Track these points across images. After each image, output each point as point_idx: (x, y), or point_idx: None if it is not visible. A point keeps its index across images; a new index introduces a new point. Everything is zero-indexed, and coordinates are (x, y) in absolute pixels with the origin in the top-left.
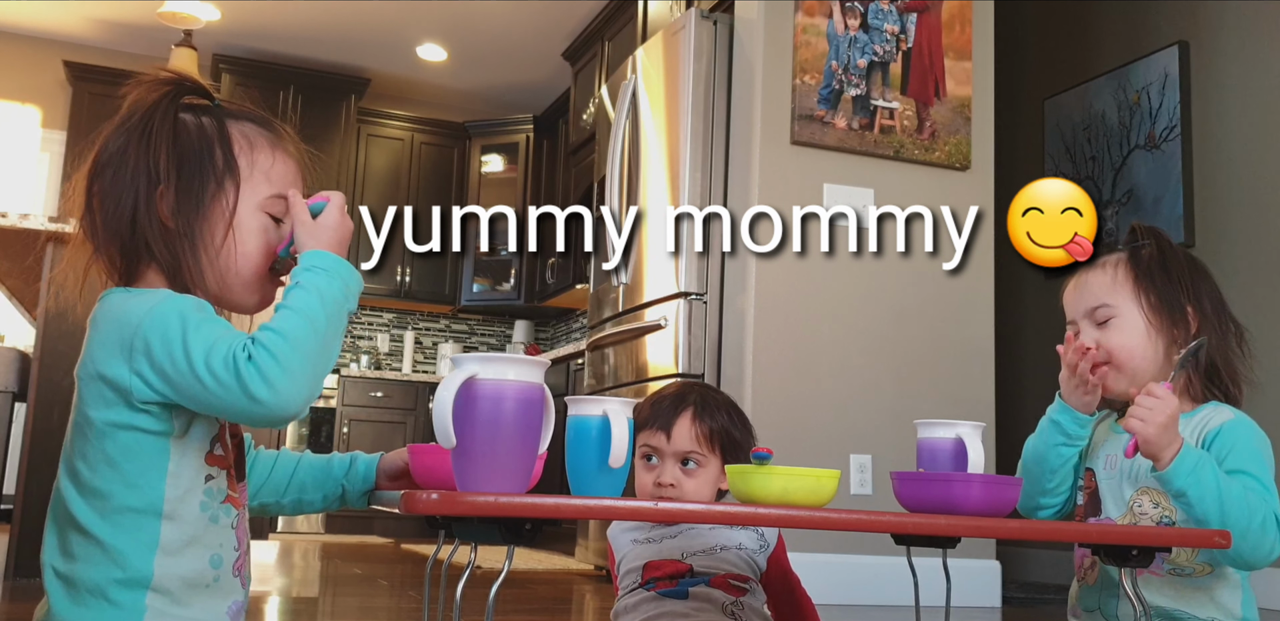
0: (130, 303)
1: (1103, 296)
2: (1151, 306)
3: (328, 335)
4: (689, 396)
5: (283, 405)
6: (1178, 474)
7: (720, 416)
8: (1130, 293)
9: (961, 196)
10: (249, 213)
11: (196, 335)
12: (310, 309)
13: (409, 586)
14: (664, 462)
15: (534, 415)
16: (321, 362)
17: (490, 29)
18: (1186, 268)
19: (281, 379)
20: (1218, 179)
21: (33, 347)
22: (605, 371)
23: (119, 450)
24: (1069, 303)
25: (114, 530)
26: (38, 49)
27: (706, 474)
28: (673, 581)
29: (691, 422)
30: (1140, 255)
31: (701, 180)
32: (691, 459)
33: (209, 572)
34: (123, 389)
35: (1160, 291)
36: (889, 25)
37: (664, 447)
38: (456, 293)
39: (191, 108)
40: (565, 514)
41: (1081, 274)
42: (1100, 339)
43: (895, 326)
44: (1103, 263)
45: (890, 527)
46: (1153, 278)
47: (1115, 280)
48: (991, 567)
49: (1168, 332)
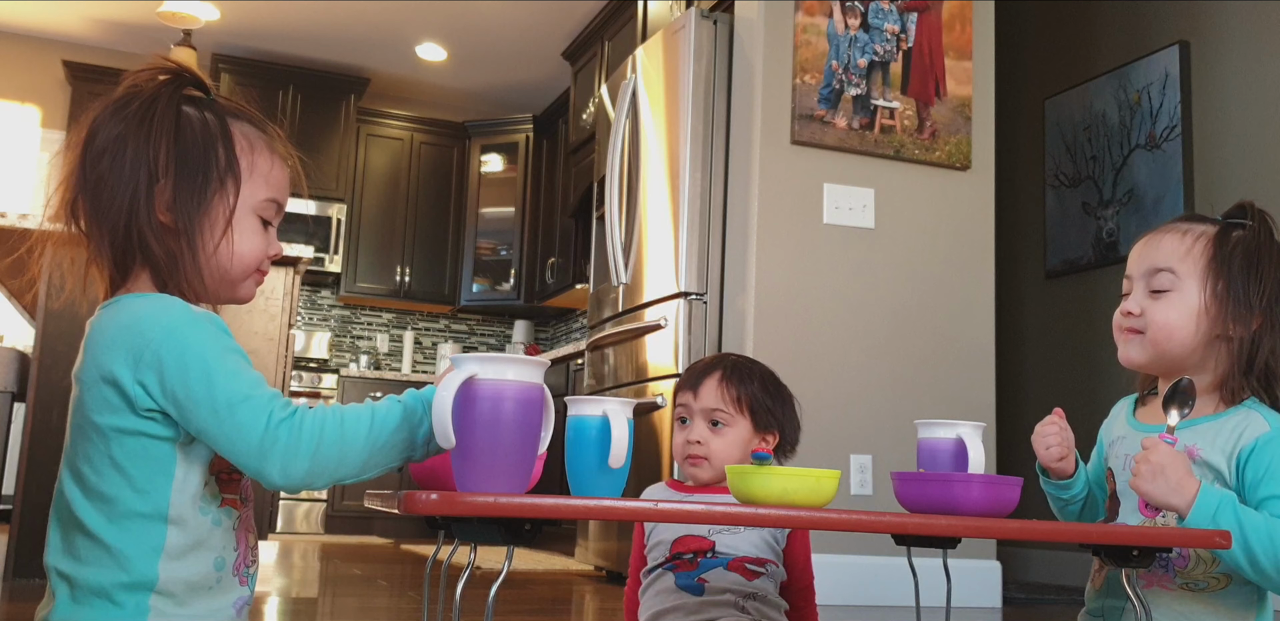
0: (140, 310)
1: (1170, 260)
2: (1215, 293)
3: (380, 460)
4: (723, 361)
5: (284, 479)
6: (1198, 523)
7: (751, 382)
8: (1200, 269)
9: (962, 196)
10: (244, 214)
11: (222, 372)
12: (384, 428)
13: (409, 586)
14: (693, 421)
15: (533, 415)
16: (354, 472)
17: (490, 29)
18: (1277, 263)
19: (305, 460)
20: (1218, 179)
21: (33, 348)
22: (605, 371)
23: (126, 455)
24: (1134, 257)
25: (120, 534)
26: (38, 49)
27: (734, 433)
28: (694, 561)
29: (719, 383)
30: (1230, 235)
31: (701, 180)
32: (718, 418)
33: (212, 575)
34: (128, 396)
35: (1234, 280)
36: (889, 25)
37: (692, 405)
38: (456, 292)
39: (192, 101)
40: (565, 514)
41: (1158, 232)
42: (1146, 307)
43: (895, 326)
44: (1188, 228)
45: (890, 528)
46: (1232, 263)
47: (1190, 251)
48: (992, 567)
49: (1221, 324)
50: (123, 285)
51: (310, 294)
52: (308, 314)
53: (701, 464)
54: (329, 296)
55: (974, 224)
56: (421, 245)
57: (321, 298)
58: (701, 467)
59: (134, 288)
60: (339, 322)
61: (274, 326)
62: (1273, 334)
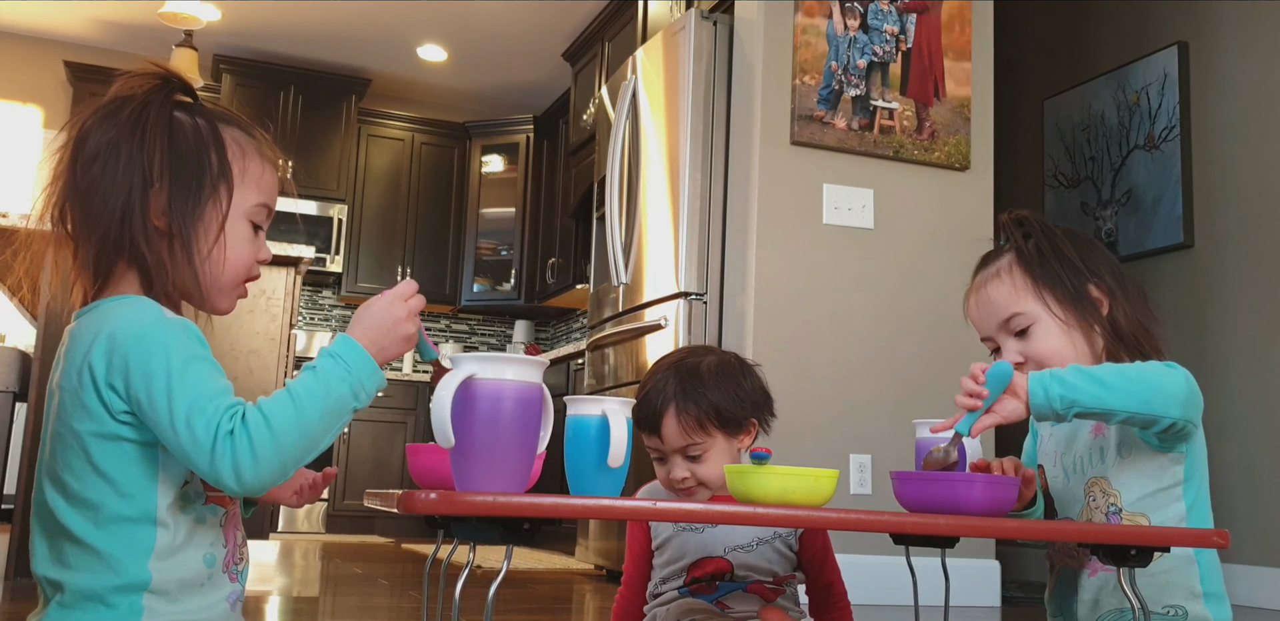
0: (115, 314)
1: (1010, 306)
2: (1059, 303)
3: (317, 433)
4: (665, 389)
5: (240, 486)
6: (1036, 389)
7: (703, 400)
8: (1034, 295)
9: (961, 196)
10: (236, 219)
11: (183, 383)
12: (309, 402)
13: (409, 586)
14: (670, 460)
15: (532, 415)
16: (299, 457)
17: (490, 29)
18: (1073, 245)
19: (250, 466)
20: (1217, 179)
21: (33, 348)
22: (605, 371)
23: (107, 460)
24: (977, 320)
25: (109, 539)
26: (38, 49)
27: (714, 455)
28: (711, 585)
29: (676, 419)
30: (1026, 249)
31: (701, 180)
32: (691, 452)
33: (203, 572)
34: (104, 401)
35: (1061, 284)
36: (889, 26)
37: (663, 448)
38: (457, 292)
39: (183, 106)
40: (564, 513)
41: (978, 288)
42: (1023, 350)
43: (895, 326)
44: (995, 269)
45: (889, 527)
46: (1048, 270)
47: (1015, 286)
48: (991, 567)
49: (1085, 322)
50: (104, 288)
51: (311, 294)
52: (309, 314)
53: (697, 491)
54: (330, 296)
55: (973, 224)
56: (422, 245)
57: (323, 298)
58: (698, 494)
59: (116, 289)
60: (340, 323)
61: (275, 326)
62: (1118, 301)
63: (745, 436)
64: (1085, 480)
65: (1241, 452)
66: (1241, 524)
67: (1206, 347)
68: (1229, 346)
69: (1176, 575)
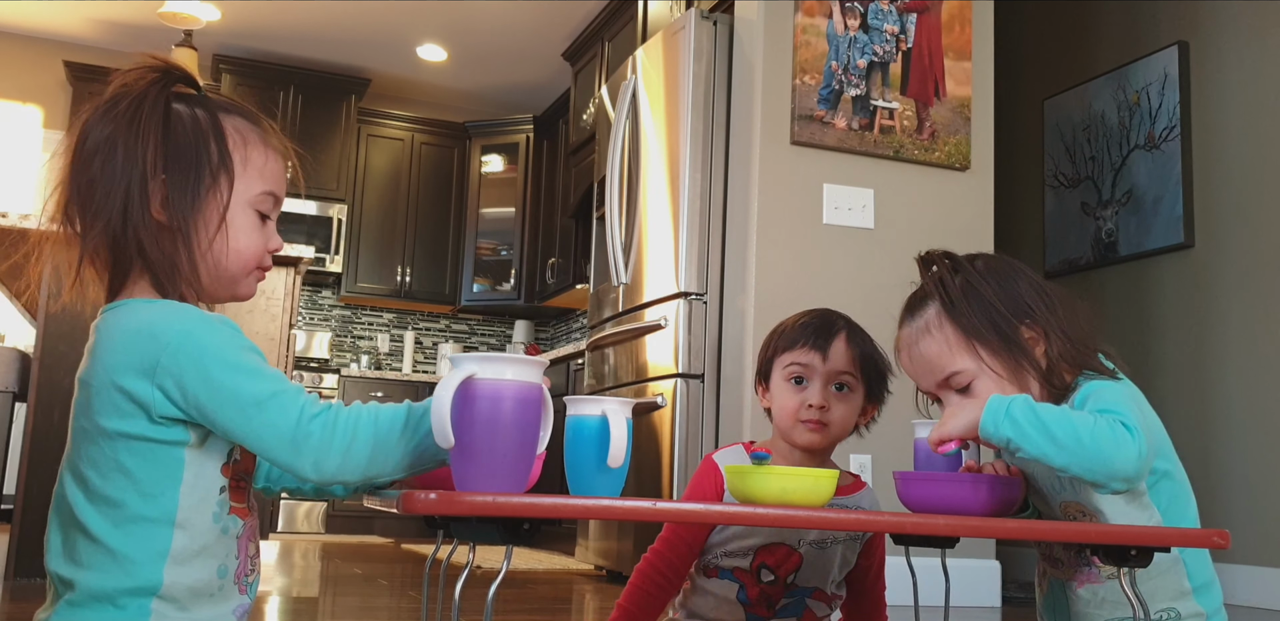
0: (151, 315)
1: (947, 365)
2: (993, 355)
3: (402, 460)
4: (838, 320)
5: (318, 475)
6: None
7: (869, 343)
8: (967, 350)
9: (961, 196)
10: (239, 209)
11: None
12: (420, 429)
13: (409, 586)
14: (814, 383)
15: (532, 415)
16: (376, 471)
17: (490, 29)
18: (995, 282)
19: (334, 455)
20: (1217, 179)
21: (33, 348)
22: (605, 371)
23: (133, 459)
24: (915, 376)
25: (125, 538)
26: (38, 49)
27: (855, 399)
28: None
29: (847, 344)
30: (950, 296)
31: (701, 180)
32: (844, 382)
33: (215, 582)
34: (143, 403)
35: (989, 334)
36: (889, 25)
37: (818, 367)
38: (457, 292)
39: (182, 98)
40: (563, 514)
41: (909, 345)
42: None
43: (895, 326)
44: (924, 324)
45: (889, 527)
46: (973, 318)
47: (948, 343)
48: (991, 567)
49: (1020, 367)
50: (122, 288)
51: (311, 294)
52: (308, 314)
53: (821, 430)
54: (330, 296)
55: (973, 224)
56: (422, 245)
57: (322, 298)
58: (820, 434)
59: (135, 292)
60: (340, 323)
61: (275, 326)
62: (1052, 335)
63: (868, 408)
64: (1059, 503)
65: (1241, 452)
66: (1241, 524)
67: (1206, 348)
68: (1229, 346)
69: (1165, 578)
